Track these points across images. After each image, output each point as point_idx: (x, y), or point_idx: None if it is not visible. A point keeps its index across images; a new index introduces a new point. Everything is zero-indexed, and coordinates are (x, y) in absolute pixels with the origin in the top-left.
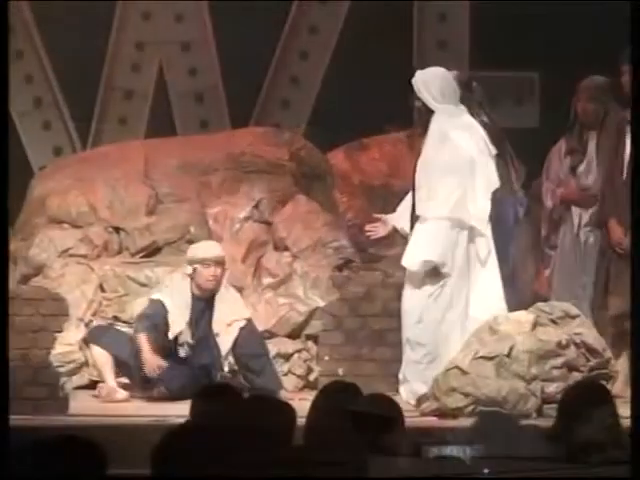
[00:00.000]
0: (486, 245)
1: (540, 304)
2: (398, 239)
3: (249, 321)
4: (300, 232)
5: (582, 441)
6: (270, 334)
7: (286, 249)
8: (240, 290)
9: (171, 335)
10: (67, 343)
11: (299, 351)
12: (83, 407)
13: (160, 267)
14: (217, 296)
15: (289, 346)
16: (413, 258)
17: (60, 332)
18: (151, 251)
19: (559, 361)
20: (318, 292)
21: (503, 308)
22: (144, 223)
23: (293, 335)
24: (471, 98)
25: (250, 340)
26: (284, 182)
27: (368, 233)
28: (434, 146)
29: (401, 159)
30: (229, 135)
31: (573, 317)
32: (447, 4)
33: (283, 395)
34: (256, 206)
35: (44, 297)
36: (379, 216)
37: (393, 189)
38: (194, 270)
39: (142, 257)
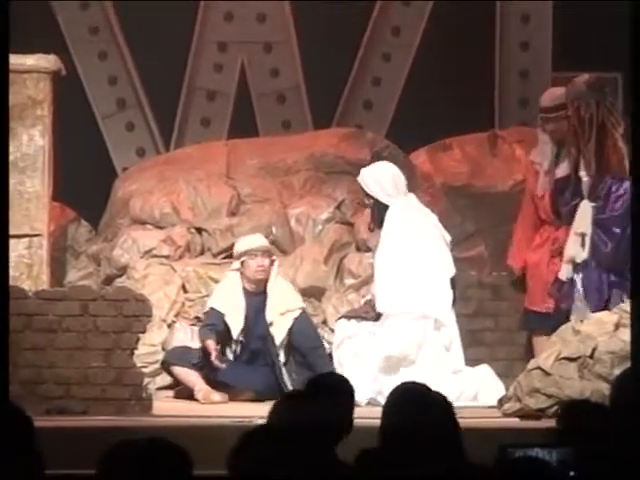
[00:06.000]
0: (449, 333)
1: (623, 305)
2: (479, 241)
3: (303, 311)
4: None
5: None
6: None
7: (368, 250)
8: (322, 291)
9: (235, 335)
10: (150, 344)
11: None
12: (166, 408)
13: None
14: (268, 287)
15: None
16: (378, 352)
17: (143, 333)
18: (233, 252)
19: None
20: None
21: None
22: (226, 224)
23: None
24: (602, 101)
25: (305, 331)
26: None
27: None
28: (390, 241)
29: (483, 160)
30: (311, 136)
31: None
32: (530, 4)
33: None
34: (338, 207)
35: (127, 298)
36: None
37: (475, 190)
38: (242, 263)
39: (224, 258)
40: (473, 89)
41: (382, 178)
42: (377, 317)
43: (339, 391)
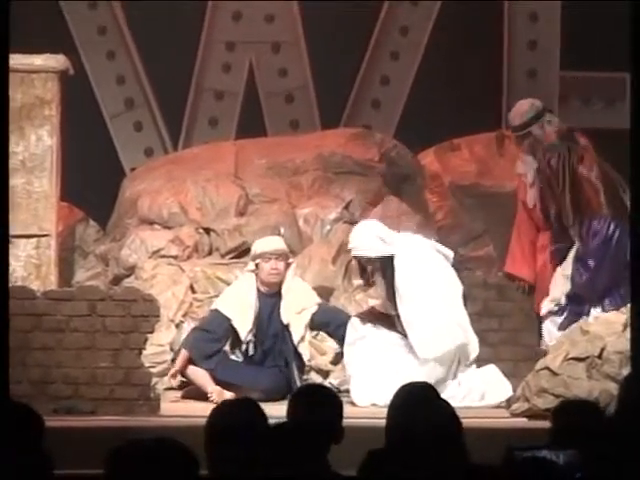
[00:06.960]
0: (469, 351)
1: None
2: (487, 240)
3: (320, 304)
4: None
5: None
6: None
7: None
8: (330, 291)
9: (243, 337)
10: (158, 344)
11: None
12: (174, 408)
13: None
14: (283, 289)
15: None
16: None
17: (151, 333)
18: (241, 252)
19: None
20: None
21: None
22: (234, 224)
23: None
24: (573, 149)
25: (328, 313)
26: (374, 183)
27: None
28: (410, 288)
29: (490, 160)
30: (319, 136)
31: None
32: (538, 4)
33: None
34: (346, 207)
35: (135, 298)
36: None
37: (482, 189)
38: (256, 266)
39: (232, 258)
40: (481, 88)
41: (379, 232)
42: (401, 330)
43: (312, 398)
